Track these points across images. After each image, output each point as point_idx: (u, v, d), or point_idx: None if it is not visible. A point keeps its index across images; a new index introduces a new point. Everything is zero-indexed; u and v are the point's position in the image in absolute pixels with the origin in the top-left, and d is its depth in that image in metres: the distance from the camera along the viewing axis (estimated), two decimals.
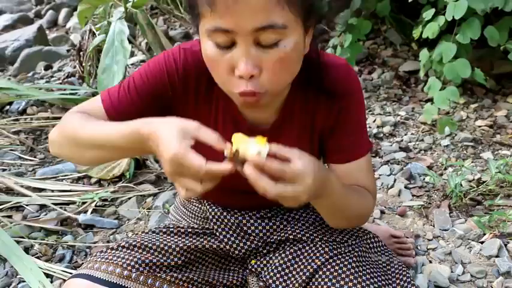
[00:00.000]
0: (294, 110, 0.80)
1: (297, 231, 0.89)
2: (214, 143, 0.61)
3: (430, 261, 1.19)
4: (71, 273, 1.18)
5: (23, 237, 1.35)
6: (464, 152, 1.71)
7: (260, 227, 0.92)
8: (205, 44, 0.66)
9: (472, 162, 1.61)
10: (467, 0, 1.54)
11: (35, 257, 1.26)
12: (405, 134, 1.86)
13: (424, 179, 1.55)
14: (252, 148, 0.59)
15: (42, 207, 1.52)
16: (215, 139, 0.61)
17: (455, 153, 1.69)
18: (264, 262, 0.90)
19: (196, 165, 0.58)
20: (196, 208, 1.00)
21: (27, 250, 1.30)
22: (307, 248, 0.85)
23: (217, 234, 0.93)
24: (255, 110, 0.78)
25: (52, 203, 1.51)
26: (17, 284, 1.20)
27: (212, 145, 0.61)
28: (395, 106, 2.09)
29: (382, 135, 1.86)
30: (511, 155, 1.64)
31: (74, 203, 1.52)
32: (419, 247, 1.24)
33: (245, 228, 0.92)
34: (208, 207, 0.95)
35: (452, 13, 1.57)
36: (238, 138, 0.62)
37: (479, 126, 1.85)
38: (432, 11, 1.68)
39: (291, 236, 0.89)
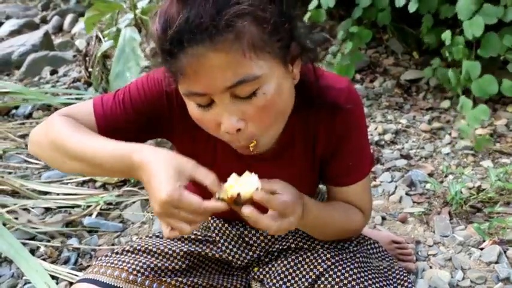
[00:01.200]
0: (294, 135, 0.78)
1: (298, 239, 0.90)
2: (211, 184, 0.61)
3: (431, 267, 1.20)
4: (76, 275, 1.20)
5: (28, 239, 1.37)
6: (465, 160, 1.72)
7: (262, 237, 0.93)
8: (187, 103, 0.66)
9: (472, 170, 1.63)
10: (481, 15, 1.56)
11: (41, 259, 1.28)
12: (406, 142, 1.88)
13: (424, 186, 1.57)
14: (249, 186, 0.61)
15: (48, 210, 1.54)
16: (211, 180, 0.61)
17: (456, 161, 1.71)
18: (267, 269, 0.90)
19: (195, 203, 0.58)
20: None
21: (33, 252, 1.32)
22: (309, 254, 0.86)
23: (219, 245, 0.94)
24: None
25: (57, 206, 1.53)
26: (23, 286, 1.22)
27: (208, 186, 0.61)
28: (397, 114, 2.11)
29: (383, 142, 1.88)
30: (511, 163, 1.66)
31: (78, 206, 1.54)
32: (419, 253, 1.26)
33: (247, 239, 0.93)
34: (209, 218, 0.96)
35: (469, 31, 1.59)
36: (232, 179, 0.63)
37: (480, 135, 1.87)
38: (449, 33, 1.72)
39: (293, 245, 0.90)
